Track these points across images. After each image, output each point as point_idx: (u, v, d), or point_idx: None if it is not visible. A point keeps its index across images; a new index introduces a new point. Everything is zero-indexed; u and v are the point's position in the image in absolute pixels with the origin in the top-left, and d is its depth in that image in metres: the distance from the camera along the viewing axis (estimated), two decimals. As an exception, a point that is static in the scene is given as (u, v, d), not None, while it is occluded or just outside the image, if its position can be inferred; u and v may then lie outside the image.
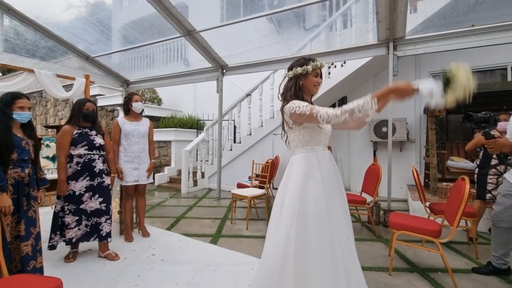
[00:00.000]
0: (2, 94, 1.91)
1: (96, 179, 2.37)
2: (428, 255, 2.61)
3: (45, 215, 2.83)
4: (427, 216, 2.81)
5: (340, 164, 5.48)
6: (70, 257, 2.42)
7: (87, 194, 2.34)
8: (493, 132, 2.78)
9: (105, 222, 2.41)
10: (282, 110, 1.57)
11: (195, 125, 7.25)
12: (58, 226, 2.32)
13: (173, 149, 6.64)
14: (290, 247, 1.38)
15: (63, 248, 2.47)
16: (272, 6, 4.71)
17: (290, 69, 1.61)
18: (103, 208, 2.40)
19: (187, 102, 8.35)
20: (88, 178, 2.34)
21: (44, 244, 2.13)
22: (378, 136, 4.82)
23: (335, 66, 5.08)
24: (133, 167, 2.87)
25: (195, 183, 5.83)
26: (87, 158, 2.35)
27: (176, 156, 6.56)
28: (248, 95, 5.67)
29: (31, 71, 4.16)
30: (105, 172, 2.46)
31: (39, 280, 1.45)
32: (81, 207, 2.32)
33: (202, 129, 6.59)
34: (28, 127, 1.98)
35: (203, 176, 6.05)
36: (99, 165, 2.41)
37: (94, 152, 2.40)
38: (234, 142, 6.04)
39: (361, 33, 4.39)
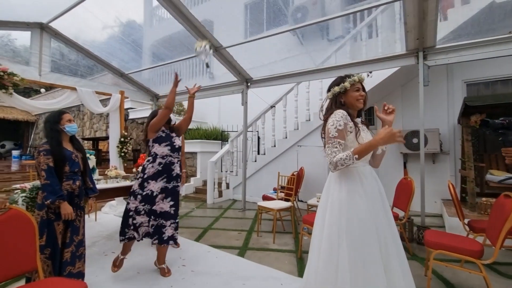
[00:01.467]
0: (48, 115, 2.13)
1: (172, 182, 2.43)
2: (468, 276, 2.44)
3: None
4: (466, 234, 2.64)
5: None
6: (116, 264, 2.43)
7: (160, 196, 2.38)
8: None
9: (169, 226, 2.39)
10: (325, 120, 1.57)
11: (220, 136, 7.43)
12: (128, 224, 2.38)
13: (198, 160, 6.84)
14: (344, 269, 1.37)
15: (107, 256, 2.62)
16: (296, 19, 4.80)
17: (328, 90, 1.64)
18: (172, 212, 2.41)
19: (212, 114, 8.59)
20: (165, 180, 2.40)
21: (89, 249, 2.27)
22: (409, 147, 4.64)
23: (360, 77, 5.01)
24: None
25: (220, 194, 5.93)
26: (168, 160, 2.43)
27: (202, 167, 6.74)
28: (272, 106, 5.74)
29: (74, 89, 4.56)
30: (180, 177, 2.53)
31: (66, 283, 1.58)
32: (153, 208, 2.36)
33: (227, 141, 6.73)
34: (75, 141, 2.19)
35: (227, 187, 6.14)
36: (177, 169, 2.48)
37: (175, 154, 2.48)
38: (258, 153, 6.10)
39: (388, 43, 4.32)
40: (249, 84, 5.05)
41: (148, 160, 2.45)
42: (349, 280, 1.35)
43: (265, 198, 4.36)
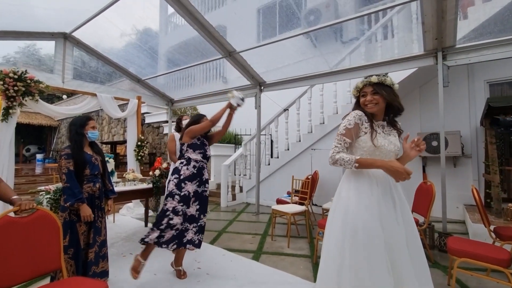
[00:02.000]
0: (74, 118, 2.21)
1: (201, 187, 2.47)
2: (495, 286, 2.32)
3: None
4: (492, 242, 2.51)
5: (384, 180, 5.17)
6: (138, 270, 2.27)
7: (192, 199, 2.42)
8: None
9: (191, 229, 2.39)
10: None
11: (233, 140, 7.48)
12: (161, 223, 2.29)
13: (212, 164, 6.90)
14: (346, 271, 1.36)
15: (125, 257, 2.69)
16: (309, 22, 4.79)
17: None
18: (196, 215, 2.42)
19: (225, 117, 8.66)
20: (197, 183, 2.44)
21: (108, 250, 2.34)
22: (427, 150, 4.48)
23: (375, 78, 4.91)
24: None
25: (234, 197, 5.95)
26: (200, 165, 2.49)
27: (215, 170, 6.80)
28: (286, 110, 5.73)
29: (94, 95, 4.74)
30: (208, 182, 2.57)
31: (88, 282, 1.63)
32: (186, 211, 2.38)
33: (240, 144, 6.76)
34: (95, 145, 2.27)
35: (241, 191, 6.16)
36: (206, 175, 2.54)
37: (205, 161, 2.56)
38: (271, 156, 6.08)
39: (404, 43, 4.21)
40: (262, 87, 5.07)
41: (181, 163, 2.46)
42: (349, 283, 1.33)
43: (279, 201, 4.34)
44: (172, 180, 2.43)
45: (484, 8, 3.66)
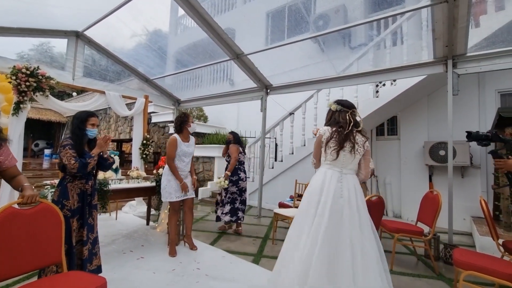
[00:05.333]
0: (77, 112, 2.18)
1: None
2: (503, 302, 2.23)
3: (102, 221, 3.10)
4: (500, 256, 2.43)
5: (389, 188, 5.09)
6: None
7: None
8: None
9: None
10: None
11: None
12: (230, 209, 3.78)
13: (216, 165, 6.91)
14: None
15: (125, 254, 2.68)
16: (318, 27, 4.79)
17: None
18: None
19: (231, 120, 8.70)
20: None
21: (109, 247, 2.34)
22: (435, 159, 4.40)
23: (383, 85, 4.87)
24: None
25: (236, 199, 5.92)
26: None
27: (219, 171, 6.80)
28: (291, 113, 5.71)
29: (103, 92, 4.81)
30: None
31: (87, 277, 1.62)
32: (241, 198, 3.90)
33: (244, 146, 6.73)
34: (92, 143, 2.20)
35: (244, 193, 6.12)
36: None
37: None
38: (275, 160, 6.06)
39: (414, 50, 4.17)
40: (268, 90, 5.07)
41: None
42: None
43: (282, 205, 4.30)
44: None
45: (497, 17, 3.61)
